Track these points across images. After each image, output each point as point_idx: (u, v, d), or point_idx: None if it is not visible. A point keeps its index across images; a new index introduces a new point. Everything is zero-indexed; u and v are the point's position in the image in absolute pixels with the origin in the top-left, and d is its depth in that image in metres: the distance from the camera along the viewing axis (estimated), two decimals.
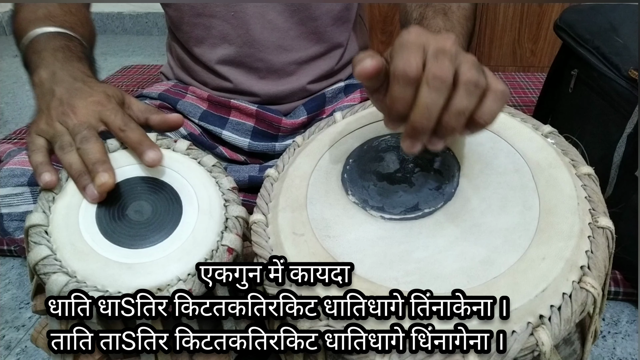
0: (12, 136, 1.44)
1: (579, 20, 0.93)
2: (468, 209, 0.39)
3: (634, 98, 0.77)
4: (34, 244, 0.41)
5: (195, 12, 0.68)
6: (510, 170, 0.41)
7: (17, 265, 0.94)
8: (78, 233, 0.42)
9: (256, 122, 0.73)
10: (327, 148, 0.48)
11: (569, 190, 0.39)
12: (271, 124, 0.73)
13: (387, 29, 1.78)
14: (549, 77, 1.06)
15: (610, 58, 0.82)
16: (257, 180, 0.67)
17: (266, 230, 0.42)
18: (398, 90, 0.34)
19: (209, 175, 0.49)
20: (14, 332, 0.79)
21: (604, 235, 0.37)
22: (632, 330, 0.77)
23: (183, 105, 0.72)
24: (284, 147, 0.74)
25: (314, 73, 0.74)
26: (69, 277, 0.40)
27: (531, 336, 0.32)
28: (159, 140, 0.52)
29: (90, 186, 0.43)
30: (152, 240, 0.43)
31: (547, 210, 0.38)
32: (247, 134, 0.73)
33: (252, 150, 0.74)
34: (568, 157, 0.42)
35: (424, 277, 0.35)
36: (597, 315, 0.38)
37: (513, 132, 0.44)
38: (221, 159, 0.74)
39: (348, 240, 0.39)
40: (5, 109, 1.67)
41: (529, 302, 0.33)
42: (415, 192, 0.41)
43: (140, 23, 2.49)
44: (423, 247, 0.37)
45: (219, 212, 0.46)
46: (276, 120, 0.73)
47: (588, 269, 0.35)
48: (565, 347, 0.38)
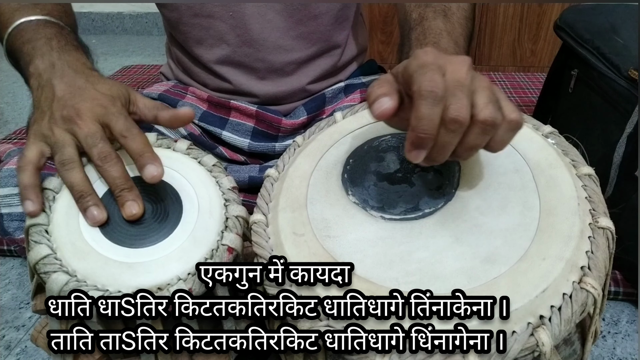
0: (12, 136, 1.44)
1: (579, 21, 0.93)
2: (468, 210, 0.39)
3: (634, 98, 0.77)
4: (34, 243, 0.41)
5: (193, 12, 0.68)
6: (510, 171, 0.41)
7: (17, 265, 0.94)
8: (78, 232, 0.42)
9: (256, 122, 0.73)
10: (328, 148, 0.48)
11: (570, 190, 0.39)
12: (271, 124, 0.73)
13: (387, 29, 1.78)
14: (549, 77, 1.06)
15: (610, 58, 0.82)
16: (257, 180, 0.67)
17: (266, 230, 0.42)
18: (425, 110, 0.33)
19: (209, 175, 0.49)
20: (14, 332, 0.79)
21: (604, 236, 0.37)
22: (632, 330, 0.77)
23: (183, 106, 0.72)
24: (284, 148, 0.74)
25: (314, 73, 0.74)
26: (69, 276, 0.40)
27: (531, 336, 0.32)
28: (159, 139, 0.52)
29: (91, 209, 0.42)
30: (152, 240, 0.43)
31: (547, 211, 0.38)
32: (247, 135, 0.73)
33: (252, 151, 0.74)
34: (568, 157, 0.42)
35: (425, 277, 0.35)
36: (598, 315, 0.38)
37: None
38: (221, 159, 0.74)
39: (348, 240, 0.39)
40: (5, 109, 1.67)
41: (530, 303, 0.33)
42: (416, 192, 0.41)
43: (140, 23, 2.49)
44: (423, 247, 0.37)
45: (219, 211, 0.46)
46: (276, 120, 0.73)
47: (588, 269, 0.35)
48: (565, 347, 0.38)
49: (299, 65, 0.72)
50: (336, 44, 0.74)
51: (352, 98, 0.75)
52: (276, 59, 0.70)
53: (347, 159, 0.46)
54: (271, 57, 0.70)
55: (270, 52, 0.70)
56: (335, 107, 0.75)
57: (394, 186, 0.42)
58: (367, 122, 0.49)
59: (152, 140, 0.51)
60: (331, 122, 0.51)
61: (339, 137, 0.49)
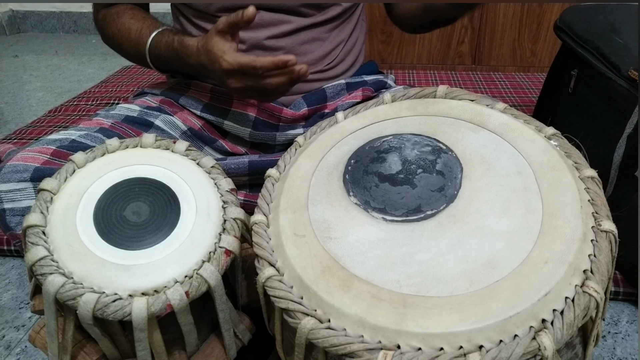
0: (12, 136, 1.43)
1: (579, 21, 0.93)
2: (470, 211, 0.39)
3: (634, 98, 0.76)
4: (31, 245, 0.41)
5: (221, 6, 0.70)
6: (513, 173, 0.41)
7: (17, 265, 0.94)
8: (75, 234, 0.42)
9: (258, 112, 0.73)
10: (329, 148, 0.47)
11: (572, 193, 0.38)
12: (272, 113, 0.74)
13: (387, 29, 1.77)
14: (549, 77, 1.06)
15: (610, 58, 0.82)
16: (257, 165, 0.66)
17: (267, 231, 0.42)
18: None
19: (207, 177, 0.49)
20: (14, 332, 0.79)
21: (607, 239, 0.36)
22: (632, 330, 0.77)
23: (185, 100, 0.72)
24: (284, 137, 0.74)
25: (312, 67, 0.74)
26: (65, 278, 0.39)
27: (533, 340, 0.32)
28: (158, 140, 0.51)
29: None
30: (149, 242, 0.43)
31: (550, 213, 0.37)
32: (249, 124, 0.74)
33: (253, 140, 0.74)
34: (571, 159, 0.42)
35: (426, 280, 0.35)
36: (600, 319, 0.38)
37: (516, 134, 0.44)
38: (222, 153, 0.74)
39: (349, 241, 0.39)
40: (5, 109, 1.66)
41: (532, 306, 0.32)
42: (418, 194, 0.41)
43: None
44: (425, 249, 0.37)
45: (217, 213, 0.46)
46: (277, 109, 0.73)
47: (591, 272, 0.35)
48: (567, 350, 0.38)
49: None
50: (339, 41, 0.75)
51: (354, 95, 0.75)
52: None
53: (349, 159, 0.45)
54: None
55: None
56: (337, 104, 0.76)
57: (395, 187, 0.42)
58: (369, 123, 0.49)
59: (151, 141, 0.51)
60: (333, 122, 0.51)
61: (340, 138, 0.48)
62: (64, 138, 0.59)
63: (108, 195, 0.45)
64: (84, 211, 0.44)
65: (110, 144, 0.49)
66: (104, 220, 0.43)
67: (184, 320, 0.43)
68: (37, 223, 0.42)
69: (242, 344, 0.50)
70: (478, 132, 0.45)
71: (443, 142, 0.45)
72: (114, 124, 0.65)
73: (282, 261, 0.39)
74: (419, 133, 0.46)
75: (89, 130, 0.62)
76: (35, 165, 0.54)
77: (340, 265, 0.37)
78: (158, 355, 0.43)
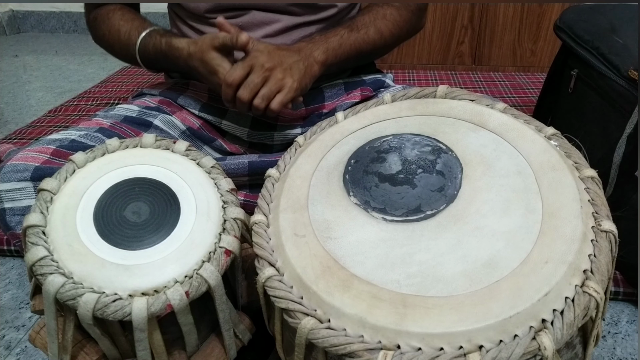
0: (12, 136, 1.43)
1: (579, 21, 0.92)
2: (470, 212, 0.39)
3: (633, 98, 0.76)
4: (31, 245, 0.41)
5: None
6: (513, 173, 0.41)
7: (17, 265, 0.94)
8: (75, 234, 0.42)
9: None
10: (329, 148, 0.47)
11: (572, 193, 0.38)
12: None
13: None
14: (549, 77, 1.06)
15: (610, 58, 0.82)
16: (257, 165, 0.66)
17: (267, 231, 0.42)
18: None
19: (207, 177, 0.49)
20: (14, 332, 0.78)
21: (607, 239, 0.36)
22: (632, 330, 0.77)
23: (184, 99, 0.73)
24: (282, 137, 0.74)
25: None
26: (65, 278, 0.39)
27: (533, 340, 0.32)
28: (158, 140, 0.51)
29: None
30: (149, 242, 0.43)
31: (550, 214, 0.37)
32: (247, 124, 0.73)
33: (251, 140, 0.75)
34: (571, 159, 0.42)
35: (426, 280, 0.35)
36: (600, 319, 0.38)
37: (516, 134, 0.44)
38: (221, 152, 0.74)
39: (349, 242, 0.39)
40: (5, 109, 1.66)
41: (532, 306, 0.32)
42: (418, 194, 0.41)
43: None
44: (425, 249, 0.37)
45: (217, 213, 0.46)
46: None
47: (591, 273, 0.35)
48: (567, 350, 0.38)
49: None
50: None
51: (352, 95, 0.75)
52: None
53: (349, 159, 0.45)
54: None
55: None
56: (336, 104, 0.75)
57: (395, 187, 0.42)
58: (369, 123, 0.49)
59: (151, 141, 0.51)
60: (332, 122, 0.51)
61: (340, 138, 0.48)
62: (64, 138, 0.60)
63: (108, 195, 0.45)
64: (84, 211, 0.44)
65: (110, 144, 0.49)
66: (104, 220, 0.43)
67: (184, 320, 0.43)
68: (37, 223, 0.42)
69: (242, 344, 0.50)
70: (478, 132, 0.45)
71: (443, 142, 0.45)
72: (113, 124, 0.65)
73: (282, 261, 0.39)
74: (419, 133, 0.46)
75: (89, 130, 0.63)
76: (35, 165, 0.54)
77: (340, 265, 0.37)
78: (158, 355, 0.43)
